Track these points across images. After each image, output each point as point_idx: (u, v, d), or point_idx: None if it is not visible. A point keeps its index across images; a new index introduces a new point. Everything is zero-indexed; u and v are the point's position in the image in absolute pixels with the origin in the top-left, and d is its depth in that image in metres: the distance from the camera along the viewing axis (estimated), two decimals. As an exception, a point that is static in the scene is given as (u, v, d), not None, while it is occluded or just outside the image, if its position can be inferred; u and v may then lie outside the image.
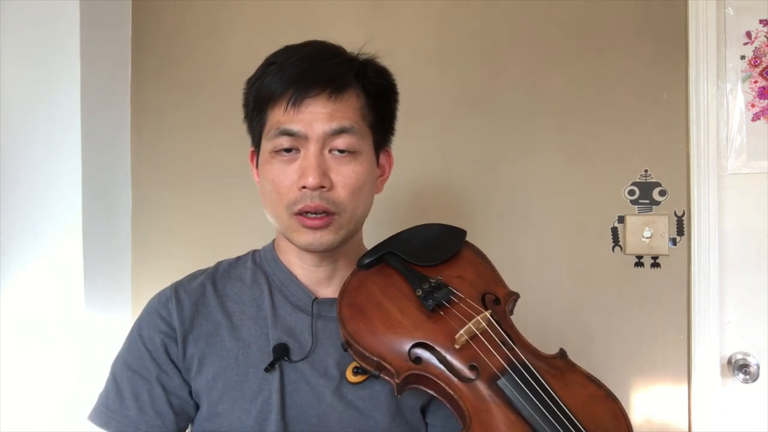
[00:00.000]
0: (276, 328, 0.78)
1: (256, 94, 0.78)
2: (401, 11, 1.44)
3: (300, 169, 0.73)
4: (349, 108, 0.75)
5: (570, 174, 1.37)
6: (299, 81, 0.73)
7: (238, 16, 1.52)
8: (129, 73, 1.57)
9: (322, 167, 0.73)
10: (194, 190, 1.52)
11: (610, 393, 0.67)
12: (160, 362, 0.77)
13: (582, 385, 0.68)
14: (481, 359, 0.67)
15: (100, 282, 1.42)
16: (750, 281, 1.32)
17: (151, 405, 0.76)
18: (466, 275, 0.78)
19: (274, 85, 0.75)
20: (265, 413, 0.74)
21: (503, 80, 1.40)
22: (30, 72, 1.40)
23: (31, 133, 1.40)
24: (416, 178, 1.42)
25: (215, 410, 0.75)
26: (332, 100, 0.74)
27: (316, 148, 0.73)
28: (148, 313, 0.81)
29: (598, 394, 0.67)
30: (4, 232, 1.41)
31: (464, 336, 0.69)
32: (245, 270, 0.85)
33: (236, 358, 0.76)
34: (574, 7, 1.37)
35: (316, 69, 0.74)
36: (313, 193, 0.72)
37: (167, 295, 0.81)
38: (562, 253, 1.37)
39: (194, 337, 0.78)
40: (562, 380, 0.67)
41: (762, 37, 1.32)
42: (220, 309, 0.80)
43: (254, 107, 0.79)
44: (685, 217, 1.32)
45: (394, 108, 0.85)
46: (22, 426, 1.37)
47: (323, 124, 0.73)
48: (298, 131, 0.73)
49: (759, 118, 1.32)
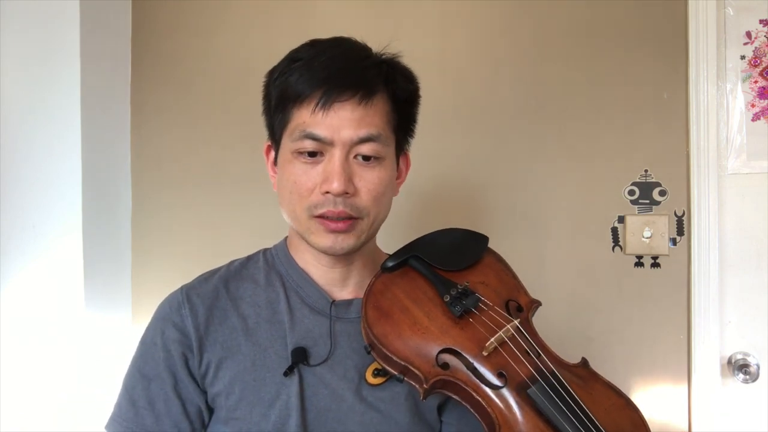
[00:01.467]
0: (294, 331, 0.77)
1: (280, 91, 0.75)
2: (401, 11, 1.44)
3: (324, 173, 0.71)
4: (376, 114, 0.74)
5: (570, 174, 1.37)
6: (329, 83, 0.71)
7: (238, 16, 1.52)
8: (129, 73, 1.57)
9: (347, 173, 0.71)
10: (194, 190, 1.52)
11: (630, 402, 0.68)
12: (175, 371, 0.75)
13: (605, 394, 0.68)
14: (510, 367, 0.67)
15: (100, 282, 1.42)
16: (750, 281, 1.32)
17: (168, 414, 0.74)
18: (490, 281, 0.78)
19: (301, 84, 0.72)
20: (284, 418, 0.72)
21: (503, 80, 1.40)
22: (30, 72, 1.40)
23: (31, 133, 1.40)
24: (415, 178, 1.41)
25: (233, 415, 0.74)
26: (362, 106, 0.72)
27: (342, 153, 0.71)
28: (160, 320, 0.78)
29: (620, 402, 0.67)
30: (4, 232, 1.41)
31: (494, 344, 0.68)
32: (258, 270, 0.83)
33: (253, 363, 0.75)
34: (574, 7, 1.37)
35: (346, 72, 0.72)
36: (337, 198, 0.71)
37: (179, 300, 0.77)
38: (562, 253, 1.37)
39: (210, 342, 0.75)
40: (586, 389, 0.68)
41: (762, 37, 1.32)
42: (235, 312, 0.78)
43: (278, 104, 0.76)
44: (685, 217, 1.32)
45: (417, 111, 0.84)
46: (22, 426, 1.37)
47: (351, 130, 0.71)
48: (324, 137, 0.71)
49: (759, 118, 1.32)
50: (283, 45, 0.81)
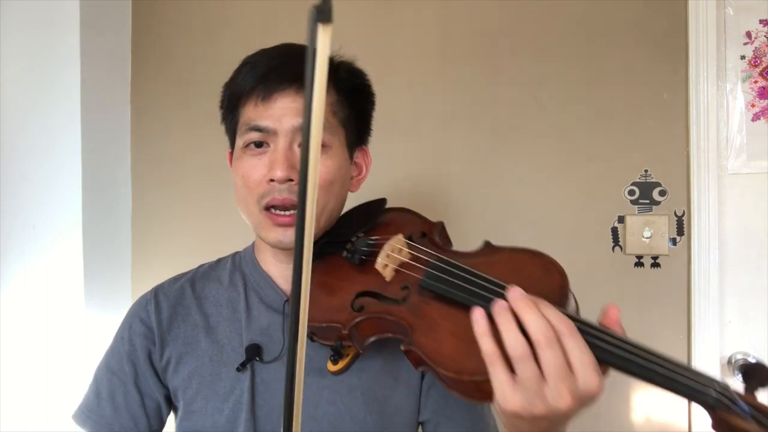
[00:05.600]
0: (249, 329, 0.79)
1: (230, 92, 0.79)
2: (401, 11, 1.44)
3: (269, 162, 0.74)
4: None
5: (570, 174, 1.37)
6: (268, 76, 0.74)
7: (238, 17, 1.52)
8: (129, 73, 1.57)
9: (290, 160, 0.73)
10: (194, 190, 1.52)
11: (536, 251, 0.68)
12: (138, 364, 0.79)
13: (508, 257, 0.69)
14: (409, 276, 0.69)
15: (100, 282, 1.42)
16: (750, 281, 1.31)
17: (126, 407, 0.79)
18: (390, 228, 0.80)
19: (245, 82, 0.76)
20: (236, 412, 0.75)
21: (503, 80, 1.40)
22: (30, 72, 1.40)
23: (31, 133, 1.40)
24: (415, 176, 1.42)
25: (190, 408, 0.77)
26: (301, 95, 0.74)
27: (285, 142, 0.73)
28: (129, 316, 0.83)
29: (523, 256, 0.68)
30: (4, 232, 1.41)
31: (386, 264, 0.71)
32: (224, 271, 0.86)
33: (210, 358, 0.78)
34: (574, 7, 1.37)
35: (284, 65, 0.75)
36: (281, 186, 0.73)
37: (147, 298, 0.83)
38: (562, 253, 1.36)
39: (172, 338, 0.80)
40: (488, 260, 0.69)
41: (762, 37, 1.32)
42: (198, 311, 0.82)
43: (228, 105, 0.80)
44: (685, 217, 1.32)
45: (368, 107, 0.85)
46: (22, 426, 1.37)
47: (291, 118, 0.73)
48: (266, 126, 0.74)
49: (759, 118, 1.32)
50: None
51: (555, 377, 0.51)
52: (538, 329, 0.52)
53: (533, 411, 0.51)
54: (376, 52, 1.44)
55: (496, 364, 0.53)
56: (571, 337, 0.52)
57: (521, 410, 0.51)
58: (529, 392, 0.51)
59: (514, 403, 0.51)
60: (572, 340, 0.52)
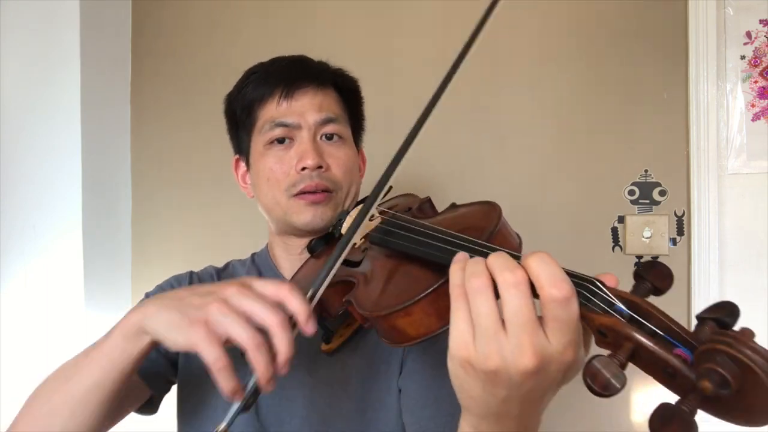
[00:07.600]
0: None
1: (243, 100, 0.84)
2: (401, 11, 1.44)
3: (297, 154, 0.79)
4: (332, 100, 0.84)
5: (570, 174, 1.37)
6: (288, 77, 0.81)
7: (237, 17, 1.52)
8: (129, 73, 1.57)
9: (319, 150, 0.79)
10: (194, 190, 1.52)
11: (486, 202, 0.71)
12: None
13: (455, 209, 0.73)
14: (367, 234, 0.71)
15: (100, 282, 1.42)
16: (750, 281, 1.31)
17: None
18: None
19: (261, 87, 0.82)
20: None
21: (503, 80, 1.40)
22: (30, 72, 1.40)
23: (31, 133, 1.40)
24: (414, 177, 1.42)
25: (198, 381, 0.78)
26: (320, 93, 0.82)
27: (310, 134, 0.80)
28: (163, 284, 0.88)
29: (472, 208, 0.71)
30: (4, 232, 1.41)
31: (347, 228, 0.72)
32: (243, 270, 0.91)
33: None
34: (574, 7, 1.37)
35: (301, 67, 0.83)
36: (313, 173, 0.78)
37: (184, 276, 0.89)
38: (562, 253, 1.36)
39: None
40: (445, 216, 0.72)
41: (762, 37, 1.32)
42: None
43: (242, 112, 0.84)
44: (685, 217, 1.32)
45: (361, 109, 0.92)
46: (22, 426, 1.37)
47: (314, 114, 0.80)
48: (291, 122, 0.80)
49: (759, 118, 1.32)
50: (283, 45, 0.82)
51: (517, 326, 0.43)
52: (504, 265, 0.47)
53: (487, 363, 0.43)
54: (376, 52, 1.44)
55: (460, 299, 0.46)
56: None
57: (473, 358, 0.44)
58: (485, 337, 0.44)
59: (466, 347, 0.44)
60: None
